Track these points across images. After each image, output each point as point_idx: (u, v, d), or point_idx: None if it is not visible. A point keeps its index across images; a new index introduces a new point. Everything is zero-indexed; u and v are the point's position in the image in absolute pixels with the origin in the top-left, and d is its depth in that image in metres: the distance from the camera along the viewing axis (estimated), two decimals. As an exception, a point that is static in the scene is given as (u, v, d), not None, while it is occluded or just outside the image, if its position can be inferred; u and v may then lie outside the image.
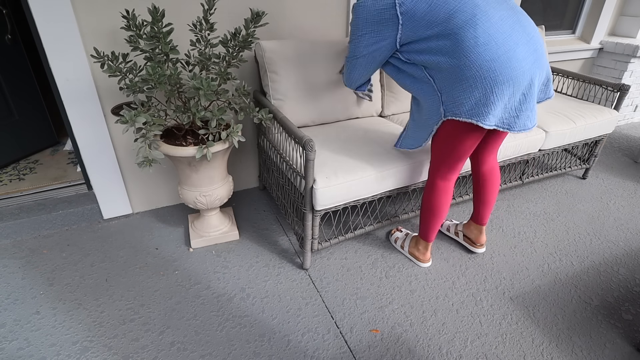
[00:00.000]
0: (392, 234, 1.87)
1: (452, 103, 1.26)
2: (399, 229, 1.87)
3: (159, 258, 1.73)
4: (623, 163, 2.71)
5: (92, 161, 1.81)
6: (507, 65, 1.17)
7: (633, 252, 1.85)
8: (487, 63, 1.16)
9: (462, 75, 1.20)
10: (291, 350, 1.34)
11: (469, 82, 1.20)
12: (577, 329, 1.45)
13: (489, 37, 1.16)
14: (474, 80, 1.19)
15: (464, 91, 1.21)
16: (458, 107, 1.25)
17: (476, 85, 1.19)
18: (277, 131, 1.71)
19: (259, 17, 1.43)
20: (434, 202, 1.55)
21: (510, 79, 1.18)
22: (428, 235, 1.65)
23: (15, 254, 1.73)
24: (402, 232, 1.84)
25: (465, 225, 1.83)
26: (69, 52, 1.56)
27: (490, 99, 1.20)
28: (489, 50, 1.16)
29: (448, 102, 1.27)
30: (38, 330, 1.37)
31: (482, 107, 1.22)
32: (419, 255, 1.72)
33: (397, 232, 1.85)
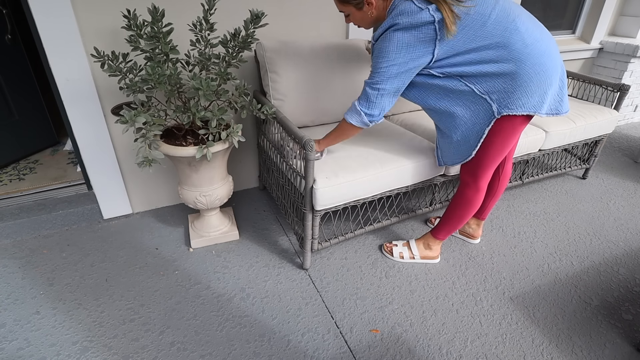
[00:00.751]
0: (389, 251, 1.78)
1: (506, 99, 1.29)
2: (393, 244, 1.80)
3: (159, 258, 1.73)
4: (623, 163, 2.71)
5: (92, 161, 1.81)
6: (551, 57, 1.28)
7: (633, 252, 1.85)
8: (538, 59, 1.25)
9: (515, 75, 1.25)
10: (291, 350, 1.34)
11: (523, 79, 1.26)
12: (577, 329, 1.45)
13: (531, 36, 1.25)
14: (529, 77, 1.25)
15: (520, 87, 1.27)
16: (514, 102, 1.29)
17: (532, 80, 1.26)
18: (277, 131, 1.71)
19: (258, 18, 1.43)
20: (474, 203, 1.55)
21: (555, 68, 1.29)
22: (447, 235, 1.68)
23: (15, 254, 1.73)
24: (399, 246, 1.78)
25: None
26: (69, 52, 1.56)
27: (544, 90, 1.29)
28: (536, 47, 1.25)
29: (501, 100, 1.30)
30: (38, 330, 1.37)
31: (537, 98, 1.29)
32: (433, 254, 1.74)
33: (396, 247, 1.78)
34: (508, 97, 1.29)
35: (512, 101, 1.29)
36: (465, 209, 1.58)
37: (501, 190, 1.73)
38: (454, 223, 1.63)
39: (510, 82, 1.27)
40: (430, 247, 1.74)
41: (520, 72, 1.25)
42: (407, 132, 1.86)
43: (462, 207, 1.58)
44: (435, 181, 1.79)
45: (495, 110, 1.31)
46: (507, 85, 1.28)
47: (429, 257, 1.75)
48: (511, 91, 1.28)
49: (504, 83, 1.28)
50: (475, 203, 1.56)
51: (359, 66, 1.93)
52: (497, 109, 1.31)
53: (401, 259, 1.76)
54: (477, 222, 1.84)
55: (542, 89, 1.29)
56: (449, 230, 1.66)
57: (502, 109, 1.30)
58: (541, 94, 1.29)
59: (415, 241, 1.78)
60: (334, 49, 1.87)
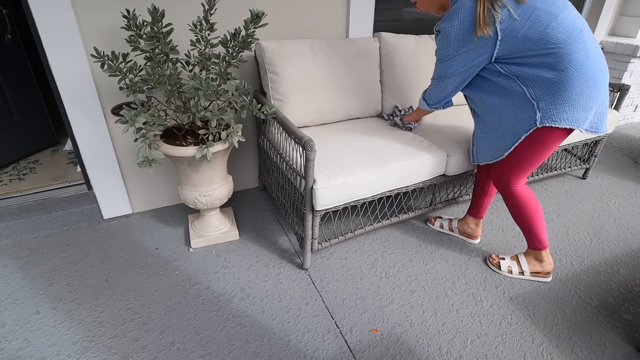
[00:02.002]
0: (496, 265, 1.71)
1: (552, 110, 1.29)
2: (500, 258, 1.72)
3: (159, 258, 1.73)
4: (623, 163, 2.71)
5: (92, 161, 1.81)
6: (603, 75, 1.30)
7: (633, 252, 1.85)
8: (593, 73, 1.26)
9: (568, 86, 1.25)
10: (291, 350, 1.34)
11: (575, 91, 1.26)
12: (577, 329, 1.45)
13: (592, 49, 1.26)
14: (580, 90, 1.26)
15: (569, 99, 1.27)
16: (559, 115, 1.29)
17: (582, 94, 1.26)
18: (277, 131, 1.71)
19: (258, 18, 1.43)
20: (529, 207, 1.53)
21: (605, 87, 1.32)
22: (543, 241, 1.60)
23: (15, 254, 1.73)
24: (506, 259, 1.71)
25: (460, 221, 1.88)
26: (69, 52, 1.56)
27: (590, 106, 1.30)
28: (595, 61, 1.27)
29: (547, 110, 1.30)
30: (38, 330, 1.37)
31: (582, 113, 1.30)
32: (545, 267, 1.64)
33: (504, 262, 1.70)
34: (555, 108, 1.29)
35: (557, 113, 1.29)
36: (523, 214, 1.55)
37: (494, 189, 1.74)
38: (532, 229, 1.58)
39: (562, 92, 1.27)
40: (541, 259, 1.64)
41: (574, 83, 1.25)
42: (407, 132, 1.87)
43: (521, 215, 1.56)
44: (435, 181, 1.79)
45: (538, 119, 1.32)
46: (557, 95, 1.27)
47: (540, 272, 1.65)
48: (559, 102, 1.28)
49: (555, 92, 1.27)
50: (526, 206, 1.53)
51: (359, 66, 1.93)
52: (540, 118, 1.31)
53: (509, 274, 1.68)
54: (475, 222, 1.84)
55: (589, 104, 1.29)
56: (536, 237, 1.59)
57: (545, 120, 1.31)
58: (586, 109, 1.30)
59: (524, 255, 1.69)
60: (334, 49, 1.87)
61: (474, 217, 1.84)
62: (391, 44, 2.00)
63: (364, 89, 1.96)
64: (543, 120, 1.31)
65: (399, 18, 2.41)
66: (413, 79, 2.07)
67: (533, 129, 1.35)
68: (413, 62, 2.05)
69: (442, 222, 1.95)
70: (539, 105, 1.31)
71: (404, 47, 2.02)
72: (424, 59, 2.07)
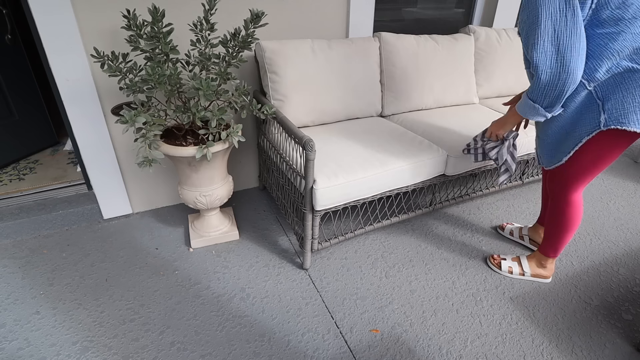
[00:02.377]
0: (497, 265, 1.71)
1: (619, 111, 1.16)
2: (502, 258, 1.72)
3: (159, 258, 1.73)
4: (623, 163, 2.71)
5: (92, 161, 1.81)
6: None
7: (633, 252, 1.85)
8: None
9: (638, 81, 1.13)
10: (291, 350, 1.34)
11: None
12: (577, 329, 1.45)
13: None
14: None
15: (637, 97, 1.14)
16: (627, 116, 1.15)
17: None
18: (277, 131, 1.71)
19: (258, 17, 1.43)
20: (573, 219, 1.46)
21: None
22: (558, 252, 1.57)
23: (15, 254, 1.73)
24: (507, 260, 1.70)
25: (531, 229, 1.85)
26: (69, 52, 1.56)
27: None
28: None
29: (613, 110, 1.17)
30: (38, 330, 1.37)
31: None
32: (546, 273, 1.64)
33: (505, 262, 1.70)
34: (622, 109, 1.16)
35: (626, 114, 1.15)
36: (562, 223, 1.49)
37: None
38: (558, 240, 1.54)
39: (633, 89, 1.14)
40: (544, 265, 1.63)
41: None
42: (407, 132, 1.87)
43: (560, 223, 1.49)
44: (435, 181, 1.79)
45: (603, 121, 1.19)
46: (627, 94, 1.15)
47: (541, 275, 1.64)
48: (629, 101, 1.15)
49: (625, 90, 1.15)
50: (573, 217, 1.46)
51: (359, 66, 1.93)
52: (605, 119, 1.18)
53: (509, 274, 1.68)
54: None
55: None
56: (556, 247, 1.56)
57: (611, 121, 1.17)
58: None
59: (526, 257, 1.69)
60: (334, 49, 1.87)
61: (543, 225, 1.78)
62: (391, 44, 2.00)
63: (364, 89, 1.96)
64: (608, 122, 1.18)
65: (399, 18, 2.41)
66: (413, 79, 2.07)
67: (596, 132, 1.21)
68: (413, 62, 2.05)
69: (512, 229, 1.91)
70: (604, 105, 1.18)
71: (404, 47, 2.02)
72: (424, 59, 2.08)
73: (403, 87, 2.06)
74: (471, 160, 1.75)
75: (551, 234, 1.54)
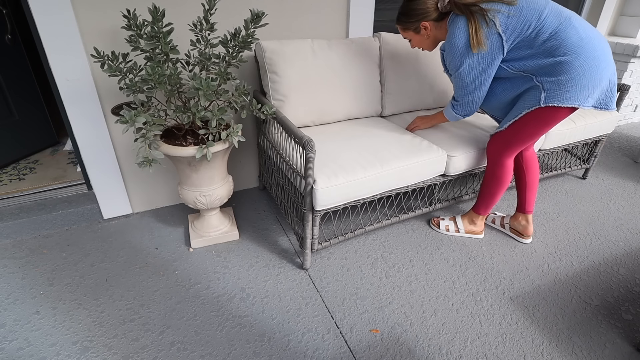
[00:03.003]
0: (436, 224, 1.94)
1: (555, 91, 1.40)
2: (440, 218, 1.96)
3: (159, 258, 1.73)
4: (623, 163, 2.71)
5: (92, 161, 1.81)
6: (604, 54, 1.38)
7: (633, 252, 1.85)
8: (592, 53, 1.36)
9: (569, 67, 1.36)
10: (291, 350, 1.34)
11: (577, 71, 1.36)
12: (577, 329, 1.45)
13: (585, 32, 1.37)
14: (582, 70, 1.36)
15: (571, 80, 1.37)
16: (562, 95, 1.39)
17: (584, 74, 1.36)
18: (277, 131, 1.71)
19: (258, 17, 1.43)
20: (502, 179, 1.70)
21: (607, 66, 1.40)
22: (488, 209, 1.82)
23: (15, 254, 1.73)
24: (445, 220, 1.94)
25: (512, 217, 1.91)
26: (69, 52, 1.56)
27: (594, 85, 1.39)
28: (590, 43, 1.36)
29: (551, 90, 1.40)
30: (38, 330, 1.37)
31: (585, 92, 1.39)
32: (477, 229, 1.88)
33: (443, 221, 1.93)
34: (558, 89, 1.39)
35: (561, 94, 1.39)
36: (495, 185, 1.72)
37: (533, 179, 1.80)
38: (489, 198, 1.77)
39: (564, 74, 1.37)
40: (475, 222, 1.87)
41: (574, 64, 1.35)
42: (407, 131, 1.87)
43: (492, 184, 1.72)
44: (435, 181, 1.79)
45: (542, 99, 1.42)
46: (560, 78, 1.38)
47: (473, 231, 1.88)
48: (562, 84, 1.38)
49: (558, 75, 1.38)
50: (503, 179, 1.69)
51: (359, 66, 1.93)
52: (544, 98, 1.42)
53: (447, 232, 1.91)
54: (525, 218, 1.86)
55: (592, 83, 1.38)
56: (486, 205, 1.80)
57: (549, 100, 1.41)
58: (589, 88, 1.39)
59: (460, 216, 1.92)
60: (333, 49, 1.87)
61: (522, 212, 1.86)
62: (391, 44, 2.00)
63: (364, 89, 1.96)
64: (547, 101, 1.41)
65: (399, 18, 2.40)
66: (413, 79, 2.07)
67: (535, 107, 1.45)
68: (413, 62, 2.05)
69: (494, 218, 1.98)
70: (544, 86, 1.42)
71: (404, 47, 2.02)
72: (424, 59, 2.08)
73: (403, 87, 2.06)
74: None
75: (484, 193, 1.78)
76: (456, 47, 1.44)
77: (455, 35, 1.42)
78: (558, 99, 1.40)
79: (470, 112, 1.64)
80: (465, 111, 1.63)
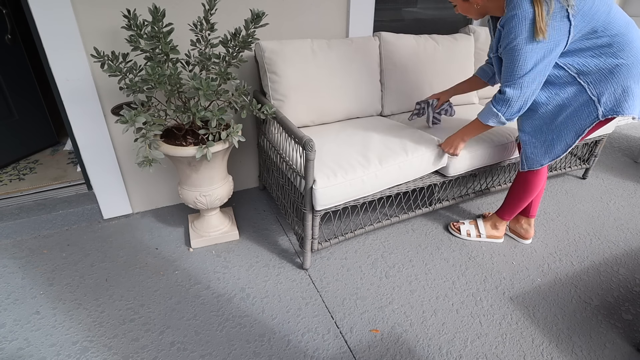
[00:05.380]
0: (456, 229, 1.90)
1: (613, 102, 1.33)
2: (460, 222, 1.92)
3: (159, 258, 1.73)
4: (623, 163, 2.71)
5: (92, 161, 1.81)
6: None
7: (633, 252, 1.85)
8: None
9: (628, 74, 1.30)
10: (291, 350, 1.34)
11: (634, 79, 1.30)
12: (577, 329, 1.45)
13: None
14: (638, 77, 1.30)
15: (628, 88, 1.30)
16: (620, 105, 1.32)
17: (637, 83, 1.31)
18: (277, 131, 1.71)
19: (258, 17, 1.43)
20: (535, 185, 1.65)
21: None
22: (512, 215, 1.79)
23: (15, 254, 1.73)
24: (466, 224, 1.90)
25: (513, 220, 1.90)
26: (69, 52, 1.56)
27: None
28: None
29: (608, 102, 1.33)
30: (38, 330, 1.37)
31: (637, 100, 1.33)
32: (498, 234, 1.86)
33: (464, 226, 1.90)
34: (616, 100, 1.32)
35: (619, 104, 1.32)
36: (526, 191, 1.67)
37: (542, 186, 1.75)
38: (517, 204, 1.73)
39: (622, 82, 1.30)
40: (497, 227, 1.85)
41: (633, 72, 1.29)
42: (406, 127, 1.86)
43: (524, 190, 1.68)
44: (435, 181, 1.79)
45: (601, 114, 1.34)
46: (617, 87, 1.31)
47: (494, 236, 1.86)
48: (619, 93, 1.31)
49: (615, 84, 1.31)
50: (536, 185, 1.65)
51: (359, 66, 1.93)
52: (603, 112, 1.34)
53: (468, 237, 1.87)
54: (527, 221, 1.85)
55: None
56: (512, 211, 1.76)
57: (608, 113, 1.34)
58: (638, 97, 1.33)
59: (482, 221, 1.88)
60: (333, 49, 1.87)
61: (525, 216, 1.85)
62: (391, 44, 2.00)
63: (364, 89, 1.96)
64: (606, 114, 1.34)
65: (399, 18, 2.41)
66: (413, 79, 2.07)
67: (595, 123, 1.38)
68: (413, 62, 2.05)
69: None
70: (600, 100, 1.34)
71: (404, 47, 2.02)
72: (424, 58, 2.08)
73: (403, 87, 2.06)
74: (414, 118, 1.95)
75: (512, 199, 1.74)
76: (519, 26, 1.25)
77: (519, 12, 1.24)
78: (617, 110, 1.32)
79: (516, 112, 1.41)
80: (512, 110, 1.40)
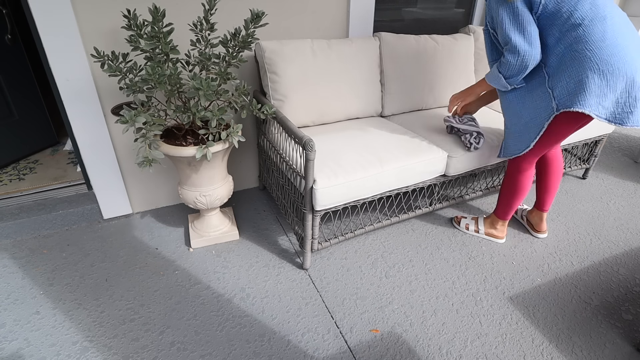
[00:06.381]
0: (457, 222, 1.96)
1: (565, 95, 1.35)
2: (462, 216, 1.97)
3: (159, 258, 1.73)
4: (623, 163, 2.71)
5: (92, 161, 1.81)
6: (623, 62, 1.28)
7: (633, 252, 1.85)
8: (607, 58, 1.28)
9: (579, 67, 1.30)
10: (291, 350, 1.34)
11: (585, 73, 1.29)
12: (577, 329, 1.45)
13: (613, 36, 1.29)
14: (591, 73, 1.29)
15: (580, 82, 1.31)
16: (571, 98, 1.33)
17: (593, 78, 1.29)
18: (277, 131, 1.71)
19: (258, 17, 1.43)
20: (520, 185, 1.69)
21: (623, 74, 1.29)
22: (508, 215, 1.81)
23: (15, 254, 1.73)
24: (467, 218, 1.95)
25: (529, 211, 1.97)
26: (69, 52, 1.56)
27: (605, 92, 1.31)
28: (611, 46, 1.28)
29: (561, 96, 1.36)
30: (38, 330, 1.37)
31: (595, 98, 1.31)
32: (498, 234, 1.86)
33: (465, 219, 1.94)
34: (567, 93, 1.34)
35: (570, 97, 1.33)
36: (513, 191, 1.71)
37: (554, 181, 1.80)
38: (508, 205, 1.76)
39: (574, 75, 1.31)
40: (495, 226, 1.86)
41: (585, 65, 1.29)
42: (407, 131, 1.87)
43: (511, 189, 1.72)
44: (435, 181, 1.79)
45: (554, 107, 1.38)
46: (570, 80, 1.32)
47: (493, 235, 1.87)
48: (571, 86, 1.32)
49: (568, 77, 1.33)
50: (523, 183, 1.68)
51: (359, 65, 1.93)
52: (556, 105, 1.38)
53: (466, 230, 1.92)
54: (538, 214, 1.90)
55: (603, 90, 1.30)
56: (505, 211, 1.79)
57: (561, 106, 1.37)
58: (600, 95, 1.31)
59: (483, 218, 1.92)
60: (333, 49, 1.87)
61: (538, 209, 1.90)
62: (391, 44, 2.00)
63: (364, 89, 1.96)
64: (559, 107, 1.37)
65: (399, 18, 2.41)
66: (413, 79, 2.07)
67: (553, 117, 1.41)
68: (413, 62, 2.05)
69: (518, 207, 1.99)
70: (553, 93, 1.38)
71: (404, 47, 2.02)
72: (424, 58, 2.07)
73: (403, 87, 2.06)
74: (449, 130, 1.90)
75: (504, 197, 1.76)
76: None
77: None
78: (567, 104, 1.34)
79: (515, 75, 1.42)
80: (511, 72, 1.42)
